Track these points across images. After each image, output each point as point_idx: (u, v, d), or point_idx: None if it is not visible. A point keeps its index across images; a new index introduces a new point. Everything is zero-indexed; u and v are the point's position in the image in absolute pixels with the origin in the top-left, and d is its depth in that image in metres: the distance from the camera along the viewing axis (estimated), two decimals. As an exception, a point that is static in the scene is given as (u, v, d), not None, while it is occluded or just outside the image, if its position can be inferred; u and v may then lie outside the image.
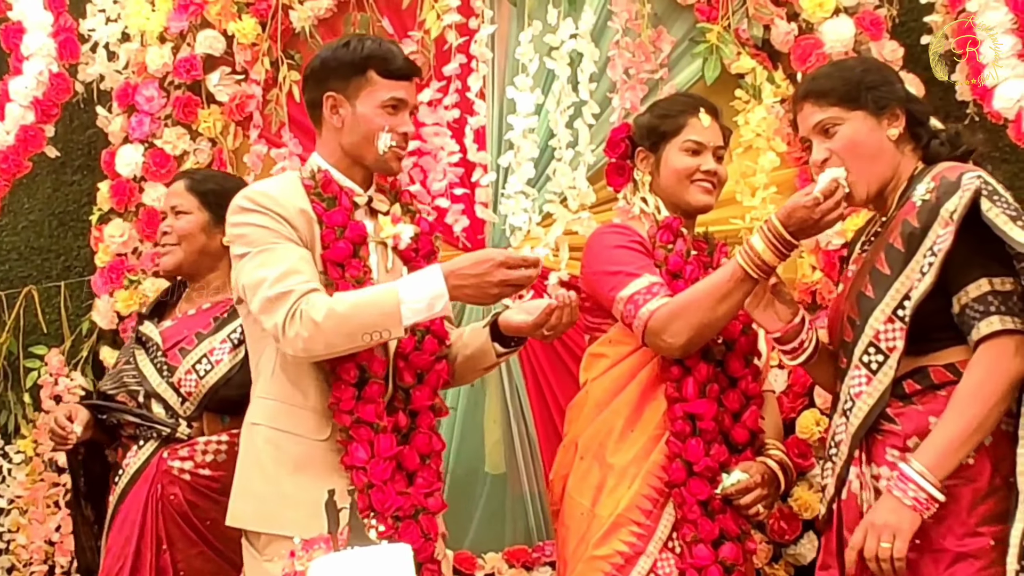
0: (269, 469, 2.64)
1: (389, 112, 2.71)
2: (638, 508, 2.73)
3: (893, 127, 2.53)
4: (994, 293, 2.32)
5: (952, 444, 2.31)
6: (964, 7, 3.27)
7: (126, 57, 3.79)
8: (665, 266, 2.82)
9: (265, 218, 2.61)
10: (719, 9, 3.47)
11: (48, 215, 4.01)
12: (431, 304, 2.53)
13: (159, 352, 3.18)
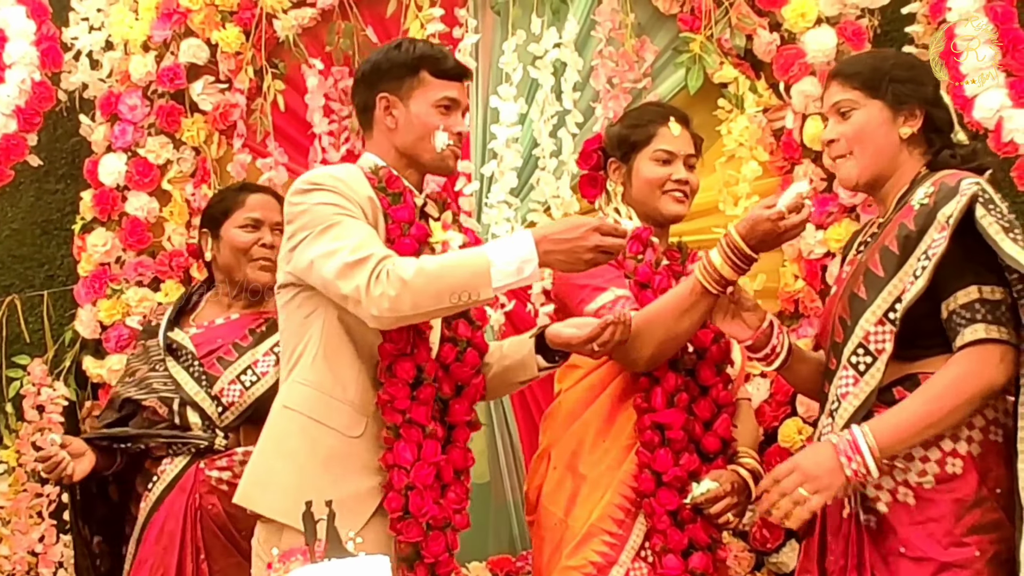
0: (299, 460, 2.59)
1: (442, 112, 2.71)
2: (610, 518, 2.73)
3: (907, 125, 2.51)
4: (982, 301, 2.31)
5: (908, 431, 2.32)
6: (944, 18, 3.27)
7: (109, 66, 3.77)
8: (634, 277, 2.82)
9: (333, 196, 2.57)
10: (702, 19, 3.46)
11: (31, 224, 3.99)
12: (520, 268, 2.47)
13: (195, 360, 3.16)
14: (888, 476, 2.38)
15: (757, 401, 3.36)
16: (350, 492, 2.56)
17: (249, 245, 3.20)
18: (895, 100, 2.50)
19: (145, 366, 3.21)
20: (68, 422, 3.69)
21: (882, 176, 2.54)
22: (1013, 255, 2.23)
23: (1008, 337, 2.30)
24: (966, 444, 2.34)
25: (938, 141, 2.53)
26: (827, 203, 3.40)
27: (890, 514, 2.37)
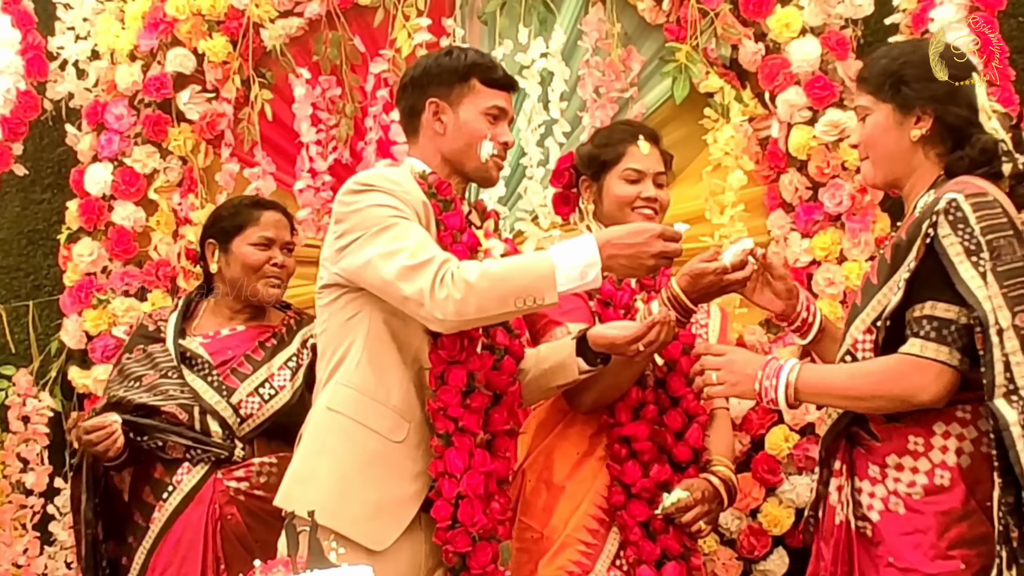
0: (341, 462, 2.56)
1: (491, 120, 2.70)
2: (585, 528, 2.74)
3: (916, 128, 2.43)
4: (931, 318, 2.28)
5: (824, 392, 2.39)
6: (927, 29, 3.29)
7: (95, 75, 3.75)
8: (597, 295, 2.82)
9: (388, 197, 2.55)
10: (688, 29, 3.47)
11: (16, 234, 3.97)
12: (584, 272, 2.44)
13: (212, 370, 3.16)
14: (881, 484, 2.36)
15: (744, 409, 3.36)
16: (391, 497, 2.56)
17: (261, 263, 3.20)
18: (903, 103, 2.44)
19: (152, 372, 3.18)
20: (54, 433, 3.69)
21: (899, 178, 2.50)
22: (965, 281, 2.21)
23: (947, 358, 2.26)
24: (955, 456, 2.32)
25: (953, 140, 2.43)
26: (813, 212, 3.41)
27: (881, 523, 2.36)
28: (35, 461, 3.65)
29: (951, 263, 2.23)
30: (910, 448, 2.33)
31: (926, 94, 2.41)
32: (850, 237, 3.37)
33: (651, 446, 2.75)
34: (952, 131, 2.42)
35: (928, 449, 2.32)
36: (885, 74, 2.46)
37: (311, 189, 3.62)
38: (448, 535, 2.55)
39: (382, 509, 2.56)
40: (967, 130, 2.42)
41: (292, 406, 3.14)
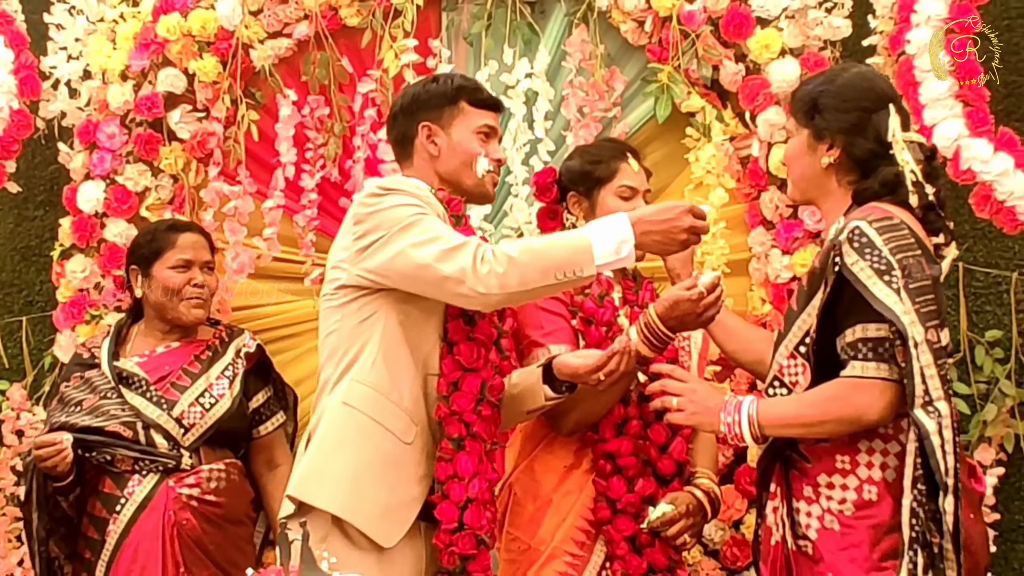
0: (357, 457, 2.55)
1: (482, 139, 2.75)
2: (572, 540, 2.75)
3: (826, 156, 2.45)
4: (864, 340, 2.30)
5: (780, 422, 2.38)
6: (904, 50, 3.29)
7: (87, 94, 3.69)
8: (580, 312, 2.84)
9: (410, 198, 2.57)
10: (670, 50, 3.46)
11: (10, 250, 3.95)
12: (618, 248, 2.46)
13: (149, 387, 3.17)
14: (816, 503, 2.38)
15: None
16: (399, 498, 2.56)
17: (181, 285, 3.23)
18: (817, 131, 2.47)
19: (92, 395, 3.19)
20: None
21: (813, 198, 2.54)
22: (881, 299, 2.24)
23: (887, 374, 2.29)
24: (880, 471, 2.35)
25: (861, 170, 2.44)
26: (793, 229, 3.41)
27: (819, 540, 2.38)
28: None
29: (864, 286, 2.25)
30: (838, 467, 2.36)
31: (836, 125, 2.44)
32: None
33: (635, 461, 2.76)
34: (859, 162, 2.45)
35: (855, 466, 2.35)
36: (806, 101, 2.50)
37: (278, 208, 3.57)
38: (454, 537, 2.55)
39: (391, 509, 2.56)
40: (873, 161, 2.44)
41: (232, 413, 3.18)
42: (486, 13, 3.54)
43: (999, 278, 3.48)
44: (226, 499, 3.14)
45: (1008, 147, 3.20)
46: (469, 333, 2.67)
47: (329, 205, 3.62)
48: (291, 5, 3.60)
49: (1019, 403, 3.37)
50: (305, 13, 3.59)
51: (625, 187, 2.90)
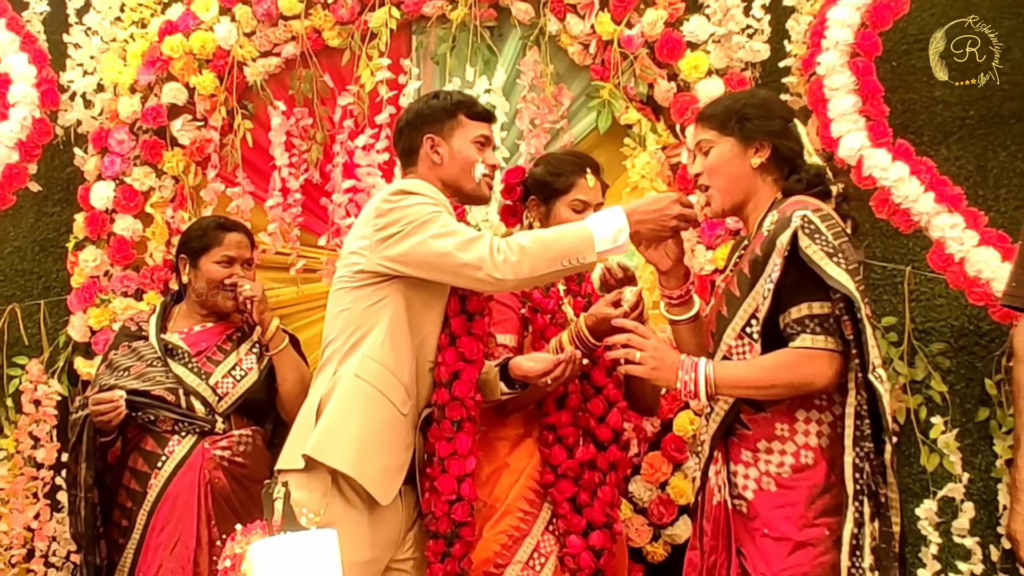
0: (365, 423, 2.59)
1: (479, 147, 2.79)
2: (523, 499, 2.79)
3: (756, 156, 2.50)
4: (811, 316, 2.33)
5: (734, 383, 2.39)
6: (815, 71, 3.37)
7: (100, 105, 3.78)
8: (529, 301, 2.87)
9: (428, 199, 2.63)
10: (611, 70, 3.53)
11: (30, 242, 3.98)
12: (616, 237, 2.52)
13: (191, 359, 3.23)
14: (754, 467, 2.42)
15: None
16: (395, 462, 2.63)
17: (223, 279, 3.28)
18: (744, 136, 2.50)
19: (139, 363, 3.24)
20: (61, 414, 3.69)
21: (742, 201, 2.54)
22: (835, 277, 2.27)
23: (833, 346, 2.32)
24: (816, 438, 2.37)
25: (787, 167, 2.52)
26: (716, 227, 3.47)
27: (756, 500, 2.40)
28: (45, 439, 3.67)
29: (818, 266, 2.28)
30: (777, 434, 2.39)
31: (764, 129, 2.50)
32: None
33: (574, 431, 2.79)
34: (785, 160, 2.51)
35: (793, 434, 2.38)
36: (729, 112, 2.53)
37: (280, 206, 3.65)
38: (452, 507, 2.63)
39: (389, 470, 2.62)
40: (796, 160, 2.52)
41: (259, 386, 3.24)
42: (451, 36, 3.63)
43: (895, 271, 3.48)
44: (251, 462, 3.19)
45: (904, 157, 3.30)
46: (470, 328, 2.73)
47: (311, 204, 3.70)
48: (280, 28, 3.69)
49: (910, 381, 3.39)
50: (292, 35, 3.68)
51: (578, 201, 2.90)
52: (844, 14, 3.37)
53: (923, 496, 3.35)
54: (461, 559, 2.66)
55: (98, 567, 3.20)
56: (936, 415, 3.36)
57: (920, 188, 3.29)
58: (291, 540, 2.05)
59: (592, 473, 2.80)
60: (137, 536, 3.14)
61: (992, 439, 3.37)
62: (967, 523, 3.30)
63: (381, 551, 2.63)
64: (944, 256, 3.29)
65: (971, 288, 3.27)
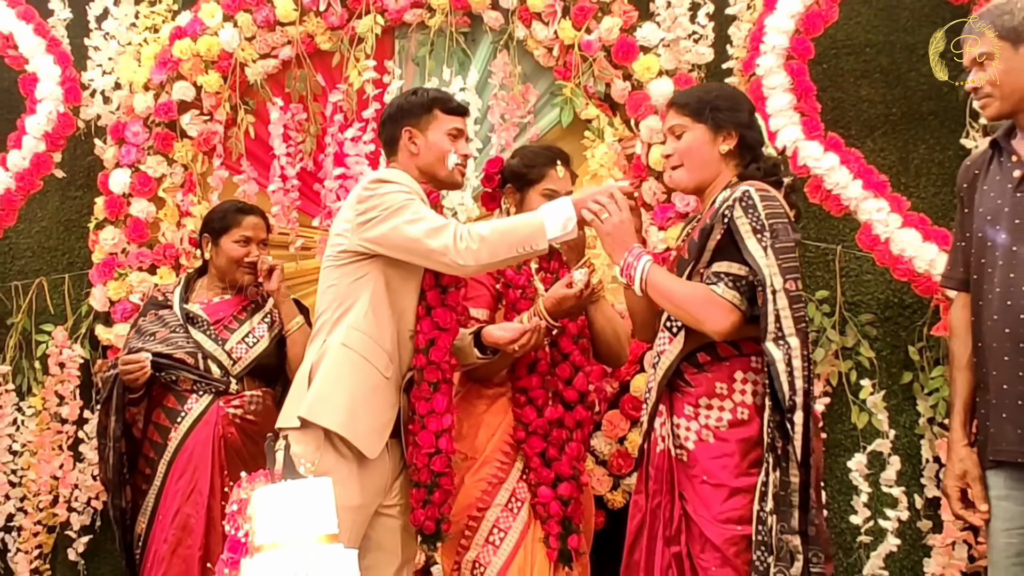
0: (352, 387, 2.65)
1: (452, 138, 2.82)
2: (500, 450, 2.86)
3: (724, 144, 2.54)
4: (728, 273, 2.42)
5: (656, 288, 2.46)
6: (754, 72, 3.45)
7: (118, 101, 3.84)
8: (503, 277, 2.94)
9: (402, 187, 2.68)
10: (572, 71, 3.60)
11: (56, 223, 4.05)
12: (565, 224, 2.59)
13: (209, 326, 3.30)
14: (695, 420, 2.47)
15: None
16: (381, 420, 2.70)
17: (241, 257, 3.34)
18: (715, 124, 2.54)
19: (164, 329, 3.31)
20: (84, 375, 3.78)
21: (706, 181, 2.58)
22: (751, 251, 2.36)
23: (737, 303, 2.39)
24: (752, 397, 2.44)
25: (749, 156, 2.56)
26: (667, 210, 3.55)
27: (696, 450, 2.45)
28: (69, 397, 3.76)
29: (741, 238, 2.37)
30: (717, 391, 2.46)
31: (734, 119, 2.55)
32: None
33: (543, 393, 2.85)
34: (748, 149, 2.57)
35: (731, 392, 2.45)
36: (702, 102, 2.57)
37: (281, 190, 3.71)
38: (431, 459, 2.69)
39: (375, 428, 2.67)
40: (758, 150, 2.59)
41: (269, 352, 3.31)
42: (429, 41, 3.70)
43: (827, 250, 3.58)
44: (261, 419, 3.23)
45: (835, 148, 3.39)
46: (443, 300, 2.76)
47: (306, 189, 3.76)
48: (277, 33, 3.74)
49: (841, 348, 3.49)
50: (288, 39, 3.74)
51: (548, 190, 2.92)
52: (780, 21, 3.43)
53: (854, 450, 3.44)
54: (440, 505, 2.72)
55: (123, 509, 3.28)
56: (865, 378, 3.45)
57: (849, 176, 3.37)
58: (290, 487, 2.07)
59: (560, 431, 2.85)
60: (158, 483, 3.23)
61: (915, 400, 3.48)
62: (894, 474, 3.38)
63: (370, 497, 2.69)
64: (871, 236, 3.37)
65: (895, 265, 3.35)
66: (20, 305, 3.94)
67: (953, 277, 2.72)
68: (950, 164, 3.51)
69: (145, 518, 3.26)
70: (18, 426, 3.80)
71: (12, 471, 3.76)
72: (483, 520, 2.81)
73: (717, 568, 2.38)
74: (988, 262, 2.55)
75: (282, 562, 1.93)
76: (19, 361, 3.87)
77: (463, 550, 2.81)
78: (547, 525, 2.82)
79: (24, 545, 3.73)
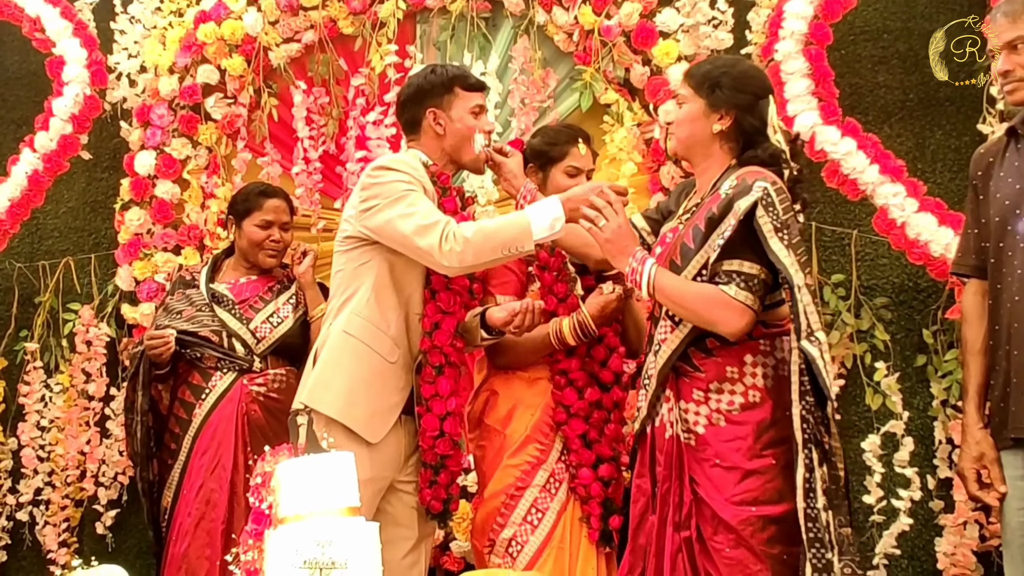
0: (352, 373, 2.66)
1: (475, 115, 2.79)
2: (539, 430, 2.84)
3: (718, 123, 2.50)
4: (739, 272, 2.39)
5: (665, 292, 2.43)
6: (773, 58, 3.44)
7: (143, 84, 3.86)
8: (537, 260, 2.89)
9: (404, 175, 2.66)
10: (592, 56, 3.59)
11: (82, 204, 4.07)
12: (552, 224, 2.55)
13: (235, 306, 3.33)
14: (704, 404, 2.45)
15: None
16: (384, 405, 2.71)
17: (262, 240, 3.38)
18: (712, 102, 2.50)
19: (190, 308, 3.34)
20: (110, 353, 3.82)
21: (694, 155, 2.57)
22: (775, 252, 2.33)
23: (751, 304, 2.37)
24: (763, 380, 2.43)
25: (744, 140, 2.51)
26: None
27: (707, 434, 2.43)
28: (96, 374, 3.80)
29: (765, 237, 2.33)
30: (728, 376, 2.44)
31: (732, 101, 2.50)
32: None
33: (583, 375, 2.83)
34: (744, 134, 2.51)
35: (742, 376, 2.43)
36: (707, 77, 2.53)
37: (304, 172, 3.71)
38: (436, 442, 2.70)
39: (376, 413, 2.68)
40: (756, 137, 2.51)
41: (293, 332, 3.34)
42: (451, 25, 3.70)
43: (843, 234, 3.58)
44: (284, 397, 3.21)
45: (852, 133, 3.39)
46: (448, 284, 2.74)
47: (328, 172, 3.76)
48: (300, 17, 3.75)
49: (856, 330, 3.48)
50: (311, 24, 3.75)
51: (571, 167, 2.91)
52: (799, 7, 3.44)
53: (868, 431, 3.45)
54: (447, 486, 2.75)
55: (151, 482, 3.33)
56: (879, 360, 3.46)
57: (866, 161, 3.37)
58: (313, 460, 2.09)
59: (599, 412, 2.84)
60: (183, 458, 3.27)
61: (929, 382, 3.48)
62: (907, 455, 3.39)
63: (380, 470, 2.69)
64: (887, 221, 3.38)
65: (911, 249, 3.35)
66: (48, 284, 3.96)
67: (966, 264, 2.71)
68: (966, 150, 3.44)
69: (171, 492, 3.29)
70: (46, 402, 3.83)
71: (40, 446, 3.80)
72: (520, 500, 2.81)
73: (731, 549, 2.37)
74: (1007, 246, 2.55)
75: (305, 534, 1.94)
76: (47, 339, 3.89)
77: (499, 528, 2.82)
78: (588, 506, 2.83)
79: (52, 519, 3.78)
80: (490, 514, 2.83)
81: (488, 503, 2.84)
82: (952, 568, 3.35)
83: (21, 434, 3.81)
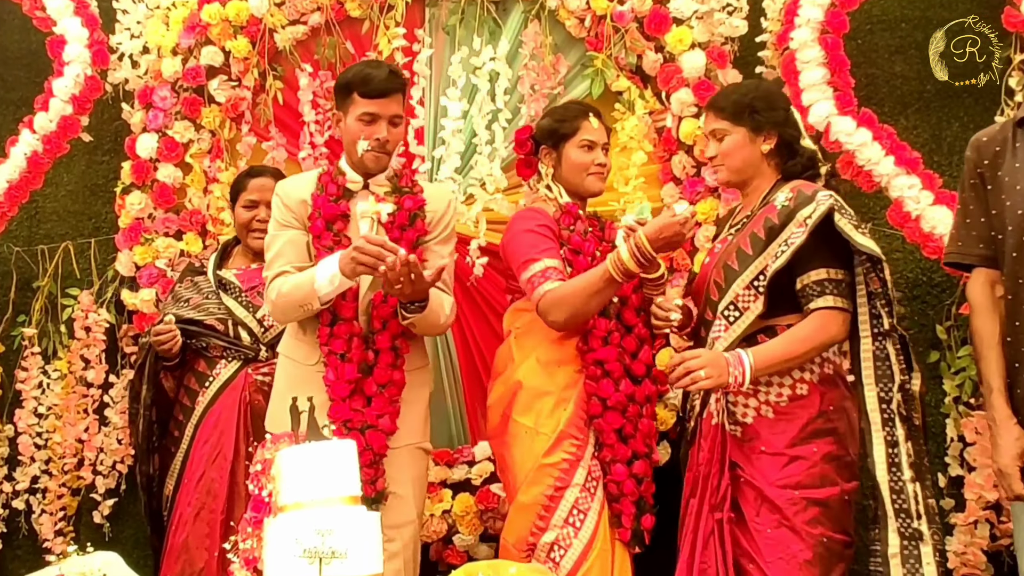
0: (280, 387, 2.88)
1: (364, 124, 2.80)
2: (574, 426, 2.77)
3: (765, 144, 2.67)
4: (829, 280, 2.53)
5: (774, 360, 2.52)
6: (788, 46, 3.42)
7: (146, 65, 3.81)
8: (568, 245, 2.85)
9: (276, 209, 2.86)
10: (603, 42, 3.57)
11: (83, 187, 4.03)
12: (331, 280, 2.69)
13: (242, 293, 3.30)
14: (753, 397, 2.57)
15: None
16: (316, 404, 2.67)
17: (248, 221, 3.34)
18: (755, 126, 2.66)
19: (197, 295, 3.32)
20: (109, 340, 3.79)
21: (747, 179, 2.72)
22: (865, 244, 2.48)
23: (846, 306, 2.53)
24: (809, 374, 2.57)
25: (788, 154, 2.69)
26: (696, 185, 3.52)
27: (755, 424, 2.57)
28: (95, 361, 3.76)
29: (851, 237, 2.49)
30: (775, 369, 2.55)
31: (772, 119, 2.68)
32: (724, 205, 3.45)
33: (619, 366, 2.79)
34: (787, 146, 2.69)
35: (789, 370, 2.57)
36: (740, 105, 2.68)
37: (311, 157, 3.69)
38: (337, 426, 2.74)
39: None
40: (795, 145, 2.70)
41: None
42: (460, 9, 3.65)
43: None
44: None
45: (867, 124, 3.36)
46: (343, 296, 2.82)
47: (334, 157, 3.66)
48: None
49: None
50: (318, 5, 3.69)
51: (586, 141, 2.88)
52: None
53: None
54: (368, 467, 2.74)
55: (150, 475, 3.31)
56: None
57: (881, 152, 3.36)
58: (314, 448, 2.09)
59: (634, 406, 2.80)
60: (185, 447, 3.25)
61: (942, 379, 3.45)
62: None
63: None
64: (902, 214, 3.36)
65: (926, 243, 3.33)
66: (46, 269, 3.93)
67: (971, 253, 2.67)
68: (984, 142, 3.38)
69: (173, 480, 3.27)
70: (44, 389, 3.80)
71: (38, 434, 3.78)
72: (561, 500, 2.74)
73: (773, 530, 2.49)
74: None
75: (305, 522, 1.93)
76: (45, 324, 3.85)
77: (539, 532, 2.74)
78: (620, 504, 2.77)
79: (49, 507, 3.75)
80: (527, 517, 2.74)
81: (525, 506, 2.75)
82: (962, 567, 3.31)
83: (18, 421, 3.78)
